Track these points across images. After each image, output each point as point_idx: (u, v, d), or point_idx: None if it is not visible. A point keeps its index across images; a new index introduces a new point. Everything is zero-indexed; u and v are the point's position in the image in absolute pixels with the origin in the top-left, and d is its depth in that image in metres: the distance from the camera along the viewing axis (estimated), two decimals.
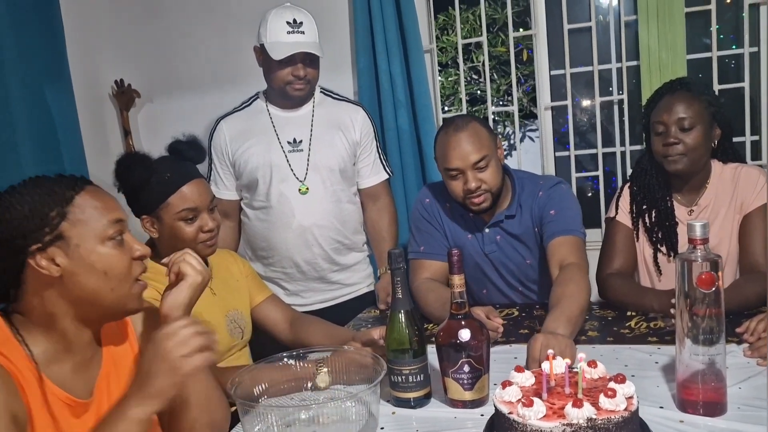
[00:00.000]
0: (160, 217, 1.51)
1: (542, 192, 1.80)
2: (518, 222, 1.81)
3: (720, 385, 1.11)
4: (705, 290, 1.08)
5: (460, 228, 1.87)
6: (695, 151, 1.72)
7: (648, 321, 1.61)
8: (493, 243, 1.84)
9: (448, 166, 1.72)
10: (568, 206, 1.78)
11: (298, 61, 1.96)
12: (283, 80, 1.98)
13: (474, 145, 1.69)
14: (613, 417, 0.96)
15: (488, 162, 1.70)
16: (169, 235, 1.51)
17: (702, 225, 1.09)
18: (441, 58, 7.30)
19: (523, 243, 1.83)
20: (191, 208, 1.51)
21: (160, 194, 1.50)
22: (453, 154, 1.69)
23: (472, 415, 1.20)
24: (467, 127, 1.71)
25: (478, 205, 1.73)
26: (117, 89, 3.11)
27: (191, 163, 1.57)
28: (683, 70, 2.47)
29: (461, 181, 1.72)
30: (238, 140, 2.07)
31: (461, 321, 1.21)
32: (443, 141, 1.74)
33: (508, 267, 1.86)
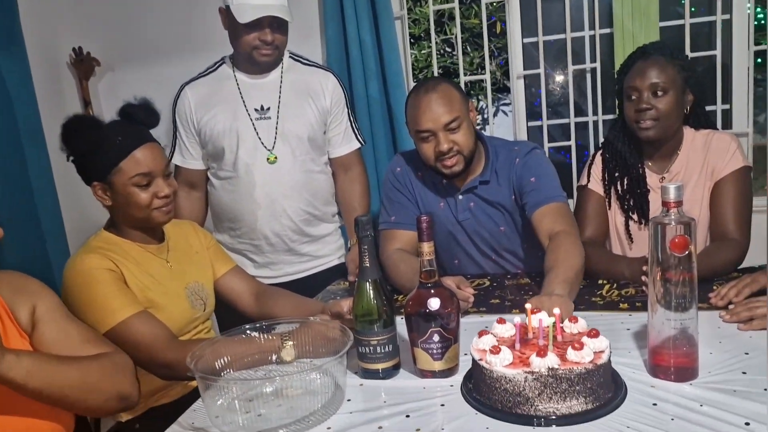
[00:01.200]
0: (112, 184, 1.44)
1: (519, 159, 1.77)
2: (494, 188, 1.78)
3: (692, 350, 1.10)
4: (678, 254, 1.05)
5: (433, 196, 1.84)
6: (668, 116, 1.70)
7: (619, 288, 1.60)
8: (467, 210, 1.80)
9: (419, 128, 1.67)
10: (546, 172, 1.76)
11: (265, 25, 1.88)
12: (250, 45, 1.90)
13: (445, 106, 1.64)
14: (575, 368, 0.99)
15: (460, 124, 1.66)
16: (122, 203, 1.45)
17: (676, 187, 1.06)
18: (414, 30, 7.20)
19: (498, 210, 1.80)
20: (144, 173, 1.44)
21: (111, 159, 1.42)
22: (424, 116, 1.65)
23: (442, 385, 1.17)
24: (438, 89, 1.67)
25: (450, 167, 1.69)
26: (75, 57, 2.98)
27: (144, 127, 1.50)
28: (656, 38, 2.44)
29: (433, 143, 1.68)
30: (203, 107, 1.99)
31: (431, 290, 1.17)
32: (414, 103, 1.69)
33: (482, 235, 1.83)
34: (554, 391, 1.00)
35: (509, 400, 1.03)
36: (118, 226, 1.50)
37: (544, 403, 1.00)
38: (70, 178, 1.57)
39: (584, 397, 1.01)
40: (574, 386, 1.00)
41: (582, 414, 1.00)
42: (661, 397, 1.05)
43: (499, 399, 1.04)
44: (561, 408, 1.00)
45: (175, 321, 1.47)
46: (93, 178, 1.45)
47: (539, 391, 1.00)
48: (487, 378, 1.05)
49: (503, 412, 1.03)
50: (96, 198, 1.47)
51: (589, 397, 1.01)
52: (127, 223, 1.49)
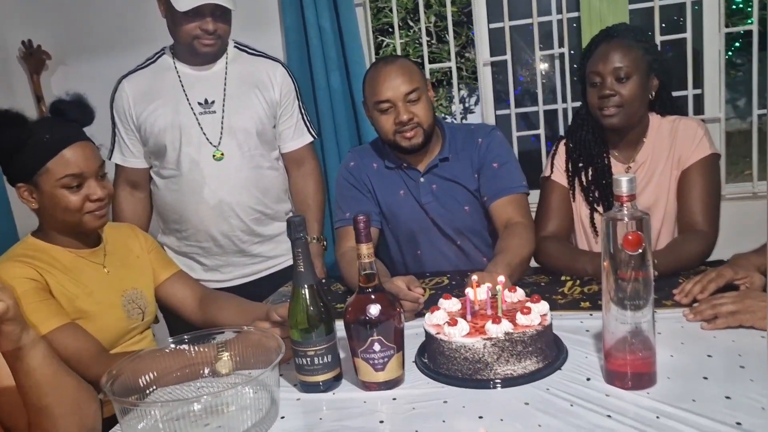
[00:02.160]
0: (38, 185, 1.33)
1: (482, 140, 1.74)
2: (455, 166, 1.73)
3: (648, 354, 1.02)
4: (631, 252, 0.97)
5: (391, 185, 1.77)
6: (632, 103, 1.61)
7: (582, 285, 1.52)
8: (429, 193, 1.74)
9: (378, 99, 1.63)
10: (508, 158, 1.74)
11: (206, 13, 1.76)
12: (190, 35, 1.78)
13: (405, 77, 1.63)
14: (527, 331, 1.08)
15: (419, 96, 1.64)
16: (50, 205, 1.34)
17: (628, 180, 0.97)
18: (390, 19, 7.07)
19: (461, 187, 1.74)
20: (75, 174, 1.33)
21: (37, 158, 1.31)
22: (384, 86, 1.62)
23: (384, 397, 1.08)
24: (397, 62, 1.66)
25: (410, 139, 1.65)
26: (25, 51, 2.85)
27: (77, 124, 1.39)
28: (625, 20, 2.35)
29: (392, 115, 1.64)
30: (143, 101, 1.86)
31: (370, 295, 1.09)
32: (373, 75, 1.66)
33: (446, 217, 1.75)
34: (510, 354, 1.08)
35: (469, 368, 1.09)
36: (46, 230, 1.40)
37: (502, 366, 1.08)
38: None
39: (536, 357, 1.10)
40: (528, 347, 1.09)
41: (536, 372, 1.09)
42: (617, 407, 0.97)
43: (459, 368, 1.10)
44: (517, 369, 1.09)
45: (108, 332, 1.37)
46: (18, 178, 1.34)
47: (497, 356, 1.08)
48: (446, 350, 1.10)
49: (465, 380, 1.09)
50: (21, 201, 1.36)
51: (540, 356, 1.10)
52: (55, 227, 1.38)
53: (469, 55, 6.24)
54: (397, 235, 1.80)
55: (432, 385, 1.11)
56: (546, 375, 1.09)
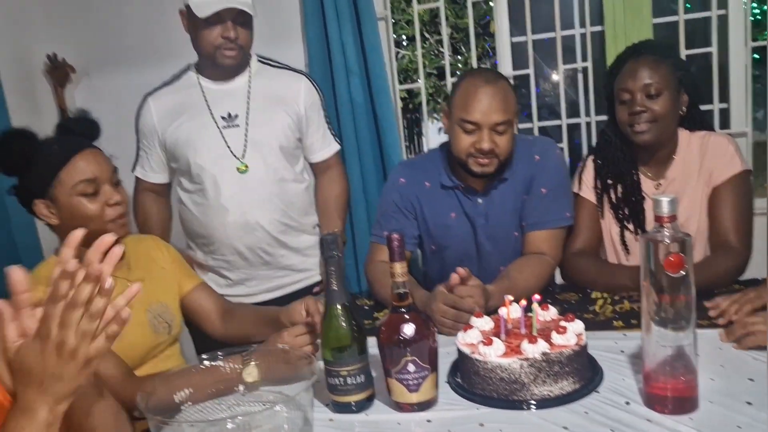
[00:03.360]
0: (54, 198, 1.32)
1: (539, 156, 1.67)
2: (511, 188, 1.67)
3: (691, 377, 1.00)
4: (673, 274, 0.95)
5: (444, 207, 1.71)
6: (664, 119, 1.60)
7: (614, 304, 1.50)
8: (483, 216, 1.69)
9: (466, 118, 1.55)
10: (559, 183, 1.67)
11: (227, 20, 1.76)
12: (212, 43, 1.78)
13: (501, 104, 1.54)
14: (564, 351, 1.07)
15: (507, 128, 1.56)
16: (70, 217, 1.32)
17: (669, 200, 0.96)
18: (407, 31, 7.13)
19: (513, 212, 1.69)
20: (89, 179, 1.32)
21: (49, 169, 1.31)
22: (476, 107, 1.54)
23: (418, 419, 1.07)
24: (498, 84, 1.56)
25: (482, 167, 1.58)
26: (50, 64, 2.88)
27: (84, 138, 1.39)
28: (649, 35, 2.35)
29: (474, 137, 1.56)
30: (168, 118, 1.87)
31: (404, 314, 1.08)
32: (469, 89, 1.56)
33: (496, 239, 1.71)
34: (547, 374, 1.06)
35: (505, 388, 1.07)
36: None
37: (539, 386, 1.06)
38: None
39: (572, 377, 1.08)
40: (564, 368, 1.07)
41: (573, 393, 1.07)
42: None
43: (495, 388, 1.08)
44: (554, 390, 1.07)
45: (135, 349, 1.36)
46: (33, 195, 1.33)
47: (534, 376, 1.06)
48: (481, 370, 1.09)
49: (500, 401, 1.07)
50: (41, 218, 1.35)
51: (576, 377, 1.09)
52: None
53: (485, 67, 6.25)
54: (442, 257, 1.76)
55: (466, 407, 1.09)
56: (583, 396, 1.07)
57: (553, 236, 1.65)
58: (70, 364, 0.78)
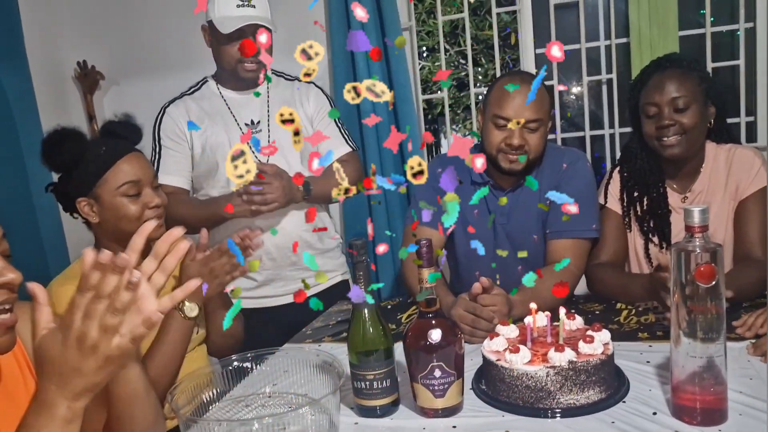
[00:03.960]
0: (98, 197, 1.38)
1: (566, 165, 1.69)
2: (536, 192, 1.68)
3: (720, 389, 0.99)
4: (704, 284, 0.95)
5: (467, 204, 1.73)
6: (692, 132, 1.59)
7: (638, 315, 1.49)
8: (505, 215, 1.71)
9: (499, 113, 1.60)
10: (586, 194, 1.68)
11: (249, 35, 1.81)
12: (234, 58, 1.85)
13: (535, 104, 1.58)
14: (591, 360, 1.07)
15: (539, 127, 1.61)
16: (111, 217, 1.38)
17: (701, 210, 0.96)
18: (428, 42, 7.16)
19: (534, 216, 1.70)
20: (133, 181, 1.39)
21: (96, 170, 1.37)
22: (510, 103, 1.58)
23: (445, 426, 1.07)
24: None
25: (511, 163, 1.62)
26: (80, 71, 2.94)
27: (128, 141, 1.45)
28: (675, 47, 2.34)
29: (505, 133, 1.61)
30: (193, 122, 1.91)
31: (431, 320, 1.08)
32: (504, 87, 1.61)
33: (514, 241, 1.72)
34: (574, 383, 1.06)
35: (531, 396, 1.07)
36: (103, 246, 1.43)
37: (565, 395, 1.06)
38: None
39: (599, 387, 1.08)
40: (591, 377, 1.07)
41: (600, 402, 1.07)
42: None
43: (520, 396, 1.08)
44: (580, 399, 1.07)
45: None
46: (78, 193, 1.39)
47: (560, 385, 1.06)
48: (507, 377, 1.09)
49: (526, 408, 1.07)
50: (83, 216, 1.40)
51: (603, 386, 1.08)
52: (115, 239, 1.42)
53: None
54: (458, 253, 1.79)
55: (491, 413, 1.09)
56: (610, 406, 1.07)
57: (578, 246, 1.65)
58: (90, 359, 0.75)
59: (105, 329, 0.74)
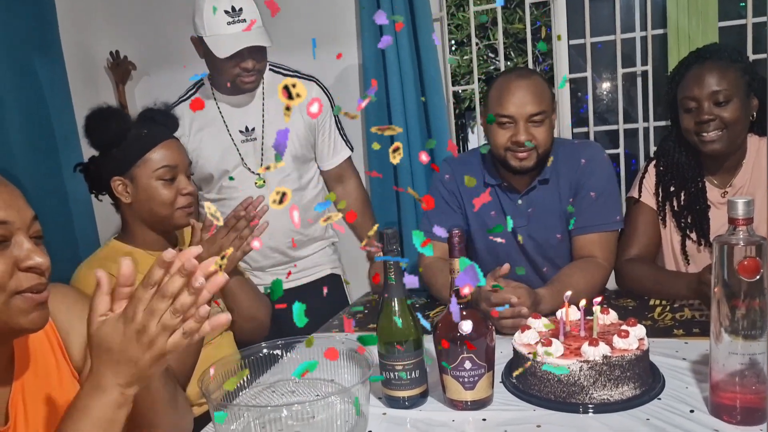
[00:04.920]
0: (134, 178, 1.41)
1: (585, 160, 1.65)
2: (554, 189, 1.66)
3: (762, 387, 0.96)
4: (748, 279, 0.92)
5: (485, 205, 1.71)
6: (734, 126, 1.54)
7: (673, 312, 1.45)
8: (524, 216, 1.68)
9: (501, 112, 1.56)
10: (608, 186, 1.65)
11: (245, 55, 1.78)
12: (231, 74, 1.81)
13: (534, 96, 1.55)
14: (626, 355, 1.05)
15: (544, 119, 1.56)
16: (144, 198, 1.41)
17: (745, 202, 0.93)
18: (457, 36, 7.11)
19: (556, 215, 1.67)
20: (171, 165, 1.42)
21: (137, 150, 1.40)
22: (510, 100, 1.55)
23: (473, 418, 1.06)
24: (531, 78, 1.58)
25: (521, 161, 1.58)
26: (112, 61, 2.98)
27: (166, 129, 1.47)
28: (714, 39, 2.28)
29: (510, 131, 1.57)
30: (189, 130, 1.91)
31: (462, 311, 1.06)
32: (502, 85, 1.59)
33: (535, 243, 1.70)
34: (608, 378, 1.04)
35: (563, 390, 1.05)
36: (130, 232, 1.46)
37: (599, 390, 1.04)
38: None
39: (633, 383, 1.05)
40: (626, 372, 1.04)
41: (634, 399, 1.05)
42: None
43: (552, 390, 1.07)
44: (614, 394, 1.05)
45: None
46: (114, 172, 1.42)
47: (594, 380, 1.04)
48: (539, 371, 1.07)
49: (558, 403, 1.06)
50: (116, 195, 1.43)
51: (637, 382, 1.06)
52: (145, 222, 1.43)
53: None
54: (480, 255, 1.75)
55: (522, 407, 1.07)
56: (644, 402, 1.04)
57: (605, 239, 1.62)
58: (147, 353, 0.78)
59: (164, 327, 0.77)
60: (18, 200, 0.87)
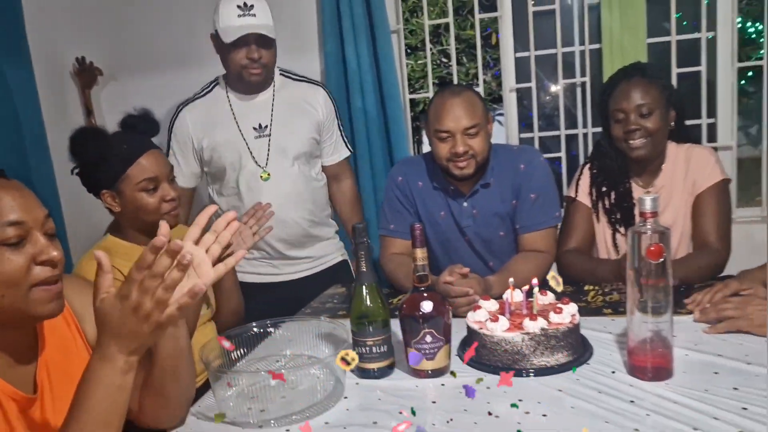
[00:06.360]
0: (120, 191, 1.52)
1: (524, 166, 1.84)
2: (496, 192, 1.86)
3: (667, 351, 1.17)
4: (653, 261, 1.13)
5: (434, 205, 1.91)
6: (656, 135, 1.77)
7: (604, 295, 1.67)
8: (470, 217, 1.88)
9: (439, 128, 1.75)
10: (546, 189, 1.85)
11: (251, 42, 1.96)
12: (239, 64, 1.99)
13: (468, 111, 1.73)
14: (560, 328, 1.24)
15: (478, 131, 1.75)
16: (132, 208, 1.53)
17: (652, 199, 1.14)
18: (410, 41, 7.30)
19: (499, 215, 1.87)
20: (151, 177, 1.52)
21: (118, 167, 1.51)
22: (446, 116, 1.74)
23: (433, 384, 1.24)
24: (463, 94, 1.76)
25: (461, 169, 1.77)
26: (78, 67, 3.04)
27: (146, 135, 1.58)
28: (643, 54, 2.53)
29: (449, 143, 1.76)
30: (203, 129, 2.08)
31: (423, 293, 1.25)
32: (439, 103, 1.78)
33: (481, 240, 1.90)
34: (545, 347, 1.23)
35: (509, 359, 1.25)
36: (125, 230, 1.58)
37: (538, 357, 1.24)
38: (73, 186, 1.63)
39: (567, 351, 1.25)
40: (560, 342, 1.24)
41: (567, 363, 1.24)
42: (638, 395, 1.12)
43: (499, 359, 1.25)
44: (551, 360, 1.24)
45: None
46: (102, 186, 1.53)
47: (534, 348, 1.23)
48: (488, 343, 1.26)
49: (504, 369, 1.22)
50: (105, 206, 1.54)
51: (570, 350, 1.26)
52: (135, 227, 1.56)
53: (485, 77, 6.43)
54: (432, 251, 1.94)
55: (475, 374, 1.26)
56: (576, 366, 1.24)
57: (546, 234, 1.85)
58: (144, 326, 0.89)
59: (158, 302, 0.89)
60: (31, 201, 0.99)
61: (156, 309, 0.89)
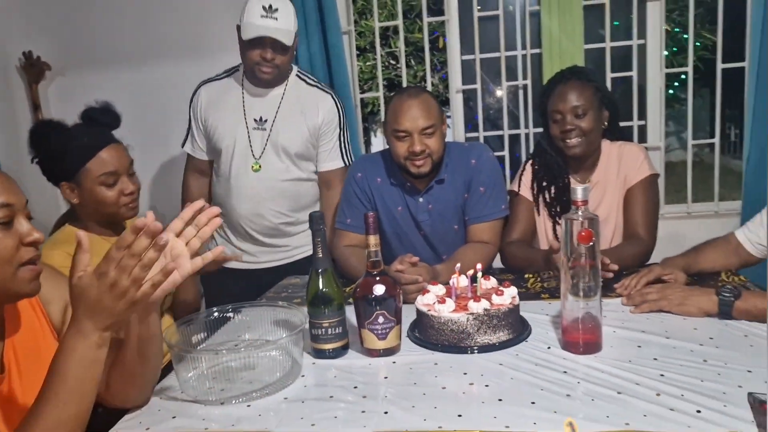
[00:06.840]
0: (80, 183, 1.54)
1: (475, 161, 1.95)
2: (450, 188, 1.95)
3: (596, 328, 1.29)
4: (584, 244, 1.25)
5: (392, 201, 2.00)
6: (590, 134, 1.91)
7: (542, 282, 1.80)
8: (426, 212, 1.97)
9: (397, 128, 1.84)
10: (495, 182, 1.96)
11: (266, 44, 2.03)
12: (252, 61, 2.06)
13: (424, 112, 1.83)
14: (501, 308, 1.35)
15: (435, 131, 1.85)
16: (90, 200, 1.55)
17: (583, 188, 1.26)
18: (360, 43, 7.39)
19: (453, 209, 1.97)
20: (111, 172, 1.55)
21: (78, 160, 1.53)
22: (404, 117, 1.83)
23: (385, 362, 1.33)
24: (420, 96, 1.86)
25: (419, 168, 1.86)
26: (25, 61, 3.00)
27: (107, 128, 1.60)
28: (581, 58, 2.69)
29: (407, 143, 1.85)
30: (210, 109, 2.18)
31: (376, 277, 1.33)
32: (397, 104, 1.87)
33: (436, 234, 2.00)
34: (488, 326, 1.34)
35: (455, 338, 1.34)
36: (83, 221, 1.60)
37: (481, 336, 1.34)
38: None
39: (507, 330, 1.36)
40: (501, 321, 1.35)
41: (508, 341, 1.35)
42: (570, 366, 1.24)
43: (446, 338, 1.35)
44: (492, 338, 1.34)
45: None
46: (61, 178, 1.55)
47: (477, 328, 1.33)
48: (436, 323, 1.36)
49: (451, 347, 1.33)
50: (64, 197, 1.57)
51: (510, 329, 1.37)
52: (94, 218, 1.59)
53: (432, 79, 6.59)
54: (388, 244, 2.03)
55: (424, 352, 1.35)
56: (516, 343, 1.35)
57: (493, 226, 1.96)
58: (119, 302, 0.93)
59: (134, 280, 0.93)
60: (15, 187, 1.04)
61: (132, 286, 0.93)
